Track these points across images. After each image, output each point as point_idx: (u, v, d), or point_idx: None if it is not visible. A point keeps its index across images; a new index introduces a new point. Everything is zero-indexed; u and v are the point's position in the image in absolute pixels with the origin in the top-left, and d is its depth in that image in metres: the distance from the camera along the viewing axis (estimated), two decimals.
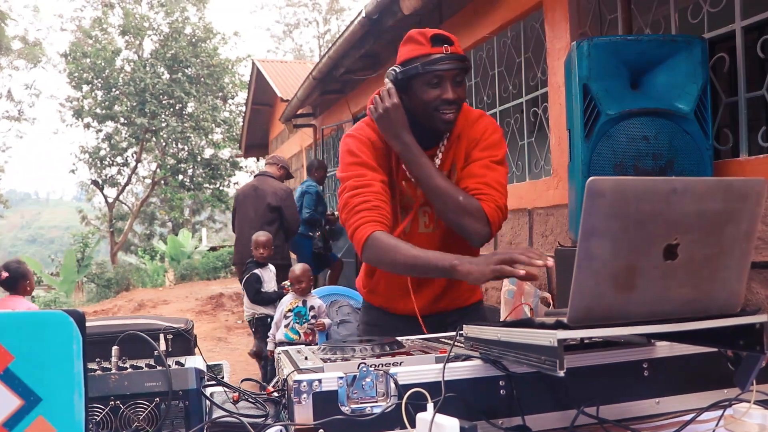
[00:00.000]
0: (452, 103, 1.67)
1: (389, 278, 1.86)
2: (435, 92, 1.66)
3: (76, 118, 21.18)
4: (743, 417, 1.19)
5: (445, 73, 1.64)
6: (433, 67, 1.64)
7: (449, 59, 1.64)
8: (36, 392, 0.82)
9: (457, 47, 1.67)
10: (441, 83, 1.66)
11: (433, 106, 1.68)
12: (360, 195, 1.68)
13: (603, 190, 0.90)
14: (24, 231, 75.43)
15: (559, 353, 0.93)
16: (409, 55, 1.69)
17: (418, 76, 1.66)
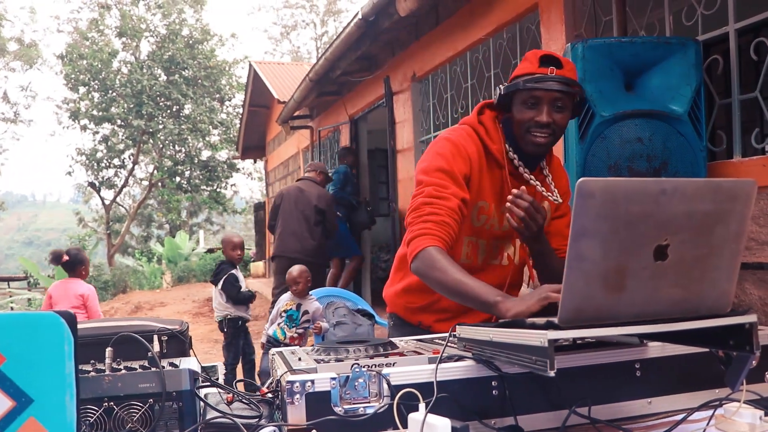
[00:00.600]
0: (544, 126, 1.60)
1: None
2: (530, 113, 1.61)
3: (73, 120, 21.17)
4: (734, 416, 1.20)
5: (543, 94, 1.58)
6: (532, 85, 1.58)
7: (551, 80, 1.57)
8: (28, 393, 0.83)
9: (566, 71, 1.60)
10: (538, 104, 1.60)
11: (525, 127, 1.63)
12: (433, 205, 1.61)
13: (593, 190, 0.91)
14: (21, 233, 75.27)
15: (549, 353, 0.94)
16: (517, 72, 1.65)
17: (517, 92, 1.62)
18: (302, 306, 4.59)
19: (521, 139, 1.66)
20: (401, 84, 5.83)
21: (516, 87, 1.61)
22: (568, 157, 2.37)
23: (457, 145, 1.69)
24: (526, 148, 1.66)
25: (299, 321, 4.55)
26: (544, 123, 1.60)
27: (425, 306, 1.86)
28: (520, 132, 1.65)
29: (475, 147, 1.71)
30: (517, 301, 1.38)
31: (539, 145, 1.64)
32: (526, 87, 1.59)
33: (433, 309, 1.84)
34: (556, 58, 1.62)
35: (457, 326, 1.32)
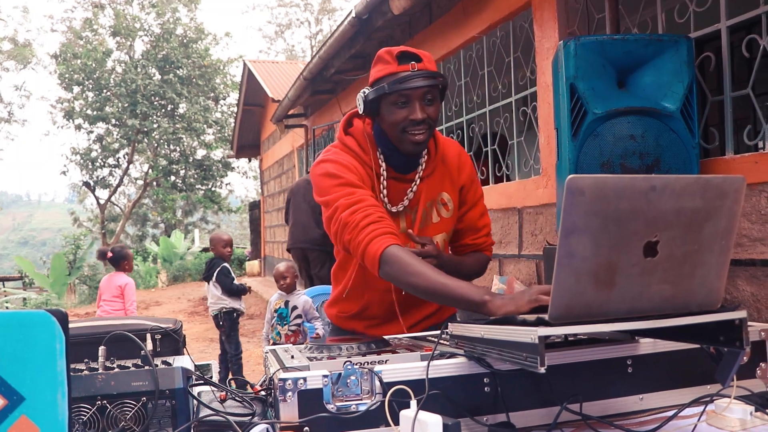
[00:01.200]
0: (420, 123, 1.58)
1: (381, 302, 1.79)
2: (402, 112, 1.58)
3: (67, 119, 21.09)
4: (725, 412, 1.21)
5: (412, 92, 1.56)
6: (399, 85, 1.55)
7: (416, 77, 1.55)
8: (19, 391, 0.83)
9: (426, 63, 1.58)
10: (409, 102, 1.57)
11: (401, 127, 1.59)
12: (359, 211, 1.56)
13: (582, 188, 0.91)
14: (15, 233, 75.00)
15: (540, 350, 0.94)
16: (377, 75, 1.61)
17: (385, 96, 1.58)
18: (290, 302, 4.66)
19: (398, 141, 1.62)
20: None
21: (383, 91, 1.57)
22: (561, 154, 2.37)
23: (336, 162, 1.66)
24: (404, 148, 1.63)
25: (290, 318, 4.61)
26: (419, 120, 1.57)
27: (356, 314, 1.86)
28: (395, 134, 1.61)
29: (353, 159, 1.68)
30: (506, 300, 1.33)
31: (418, 143, 1.60)
32: (394, 89, 1.55)
33: (363, 316, 1.85)
34: (412, 52, 1.59)
35: (450, 324, 1.32)
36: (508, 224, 3.95)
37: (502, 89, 4.19)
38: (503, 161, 4.30)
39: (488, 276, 4.16)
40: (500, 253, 4.02)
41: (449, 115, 5.03)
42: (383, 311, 1.80)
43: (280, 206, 13.07)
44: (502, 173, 4.36)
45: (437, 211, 1.76)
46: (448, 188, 1.77)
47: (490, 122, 4.37)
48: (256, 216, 16.74)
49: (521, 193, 3.80)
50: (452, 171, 1.76)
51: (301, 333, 4.60)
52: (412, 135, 1.59)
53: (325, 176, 1.65)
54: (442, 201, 1.76)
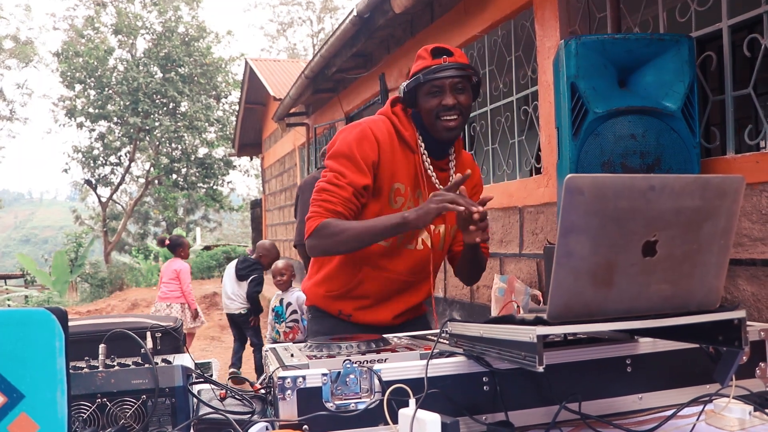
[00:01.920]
0: (451, 108, 1.72)
1: (377, 278, 1.85)
2: (435, 100, 1.73)
3: (69, 117, 21.10)
4: (723, 411, 1.21)
5: (444, 82, 1.72)
6: (432, 75, 1.72)
7: (447, 68, 1.72)
8: (19, 389, 0.83)
9: (457, 57, 1.74)
10: (441, 91, 1.73)
11: (434, 113, 1.74)
12: (329, 192, 1.73)
13: (581, 187, 0.91)
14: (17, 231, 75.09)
15: (538, 349, 0.94)
16: (415, 69, 1.78)
17: (420, 86, 1.75)
18: (284, 299, 4.72)
19: (432, 128, 1.77)
20: (396, 81, 5.83)
21: (417, 81, 1.75)
22: (562, 153, 2.37)
23: (364, 131, 1.77)
24: (438, 134, 1.77)
25: (285, 316, 4.68)
26: (450, 105, 1.72)
27: (345, 293, 1.89)
28: (430, 120, 1.76)
29: (386, 132, 1.80)
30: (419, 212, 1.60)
31: (451, 128, 1.75)
32: (427, 79, 1.73)
33: (352, 295, 1.89)
34: (445, 48, 1.77)
35: (449, 322, 1.32)
36: (508, 223, 3.95)
37: (503, 88, 4.19)
38: (504, 160, 4.29)
39: (489, 275, 4.17)
40: (501, 252, 4.02)
41: None
42: (376, 289, 1.85)
43: (282, 205, 13.08)
44: (502, 172, 4.36)
45: None
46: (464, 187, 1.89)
47: (492, 121, 4.37)
48: (257, 214, 16.75)
49: (522, 192, 3.80)
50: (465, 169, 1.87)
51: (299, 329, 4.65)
52: (445, 121, 1.74)
53: (344, 141, 1.78)
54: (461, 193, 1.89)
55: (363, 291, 1.87)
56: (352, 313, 1.89)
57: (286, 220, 12.31)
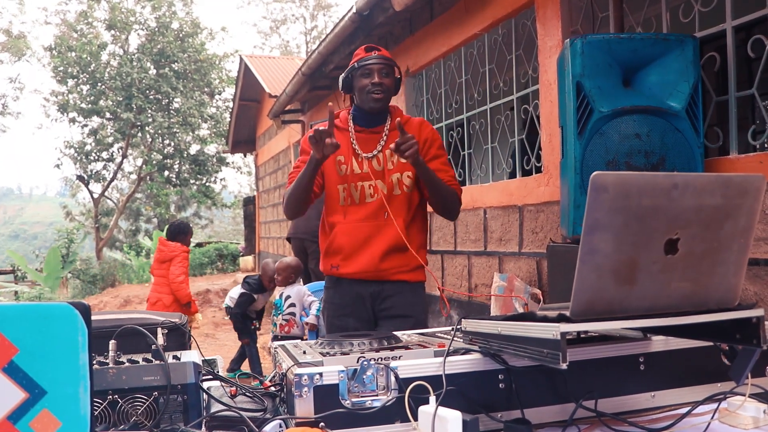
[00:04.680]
0: (378, 85, 2.27)
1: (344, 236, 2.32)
2: (366, 80, 2.29)
3: (61, 112, 20.93)
4: (738, 410, 1.21)
5: (373, 67, 2.28)
6: (364, 62, 2.30)
7: (376, 58, 2.30)
8: (41, 385, 0.82)
9: (383, 53, 2.34)
10: (371, 74, 2.29)
11: (366, 90, 2.29)
12: (295, 170, 2.34)
13: (606, 184, 0.91)
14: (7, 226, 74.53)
15: (562, 346, 0.94)
16: (352, 62, 2.35)
17: (355, 71, 2.32)
18: (284, 293, 4.77)
19: (363, 102, 2.32)
20: None
21: (353, 68, 2.32)
22: (566, 152, 2.37)
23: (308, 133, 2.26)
24: (368, 106, 2.31)
25: (283, 308, 4.73)
26: (377, 83, 2.27)
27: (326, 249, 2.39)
28: (362, 97, 2.31)
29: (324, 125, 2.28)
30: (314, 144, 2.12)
31: (377, 100, 2.29)
32: (361, 65, 2.30)
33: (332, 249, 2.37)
34: (376, 46, 2.36)
35: (463, 320, 1.32)
36: (508, 222, 3.95)
37: (503, 87, 4.19)
38: (504, 159, 4.29)
39: (488, 273, 4.17)
40: (500, 251, 4.02)
41: (449, 112, 5.03)
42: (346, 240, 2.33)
43: (276, 202, 13.03)
44: (502, 171, 4.37)
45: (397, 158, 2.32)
46: None
47: (491, 119, 4.37)
48: (250, 211, 16.69)
49: (522, 190, 3.80)
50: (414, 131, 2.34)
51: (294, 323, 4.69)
52: (372, 95, 2.28)
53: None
54: None
55: (337, 244, 2.34)
56: (340, 264, 2.35)
57: (280, 217, 12.28)
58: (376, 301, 2.35)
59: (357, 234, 2.31)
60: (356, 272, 2.33)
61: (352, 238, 2.32)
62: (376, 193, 2.32)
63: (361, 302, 2.35)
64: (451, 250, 4.72)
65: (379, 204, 2.31)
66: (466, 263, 4.47)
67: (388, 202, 2.29)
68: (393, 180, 2.32)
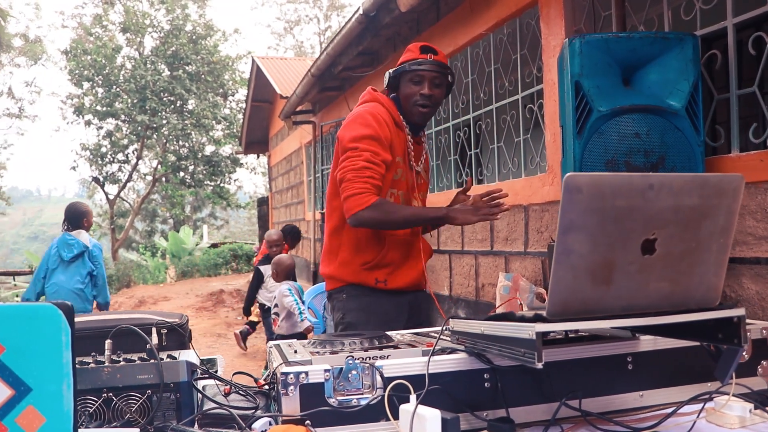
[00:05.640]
0: (428, 98, 2.07)
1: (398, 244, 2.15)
2: (416, 88, 2.08)
3: (77, 115, 21.18)
4: (724, 409, 1.21)
5: (425, 74, 2.06)
6: (416, 67, 2.07)
7: (430, 63, 2.07)
8: (26, 382, 0.84)
9: (441, 57, 2.09)
10: (421, 81, 2.07)
11: (413, 100, 2.08)
12: (372, 170, 2.01)
13: (580, 185, 0.92)
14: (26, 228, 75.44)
15: (537, 346, 0.95)
16: (403, 59, 2.12)
17: (405, 73, 2.09)
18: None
19: (409, 112, 2.12)
20: None
21: (403, 69, 2.09)
22: (566, 152, 2.38)
23: (376, 115, 2.08)
24: (413, 118, 2.12)
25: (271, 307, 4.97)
26: (427, 95, 2.07)
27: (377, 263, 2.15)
28: (407, 105, 2.11)
29: (387, 114, 2.11)
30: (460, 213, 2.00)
31: (423, 114, 2.11)
32: (412, 69, 2.07)
33: (382, 263, 2.16)
34: (433, 48, 2.11)
35: (451, 320, 1.33)
36: (514, 221, 3.95)
37: (508, 86, 4.19)
38: (509, 159, 4.29)
39: (495, 273, 4.17)
40: (506, 250, 4.03)
41: (456, 112, 5.03)
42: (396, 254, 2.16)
43: (288, 202, 13.10)
44: (508, 170, 4.36)
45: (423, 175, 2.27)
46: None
47: (497, 119, 4.37)
48: (264, 212, 16.78)
49: (527, 190, 3.80)
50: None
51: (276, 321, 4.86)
52: (420, 107, 2.09)
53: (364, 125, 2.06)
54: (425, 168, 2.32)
55: (389, 258, 2.15)
56: (387, 279, 2.16)
57: (293, 217, 12.34)
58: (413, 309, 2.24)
59: (407, 247, 2.18)
60: (405, 285, 2.19)
61: (402, 251, 2.17)
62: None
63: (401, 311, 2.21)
64: (458, 250, 4.73)
65: None
66: (473, 263, 4.47)
67: None
68: (420, 198, 2.26)
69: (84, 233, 5.00)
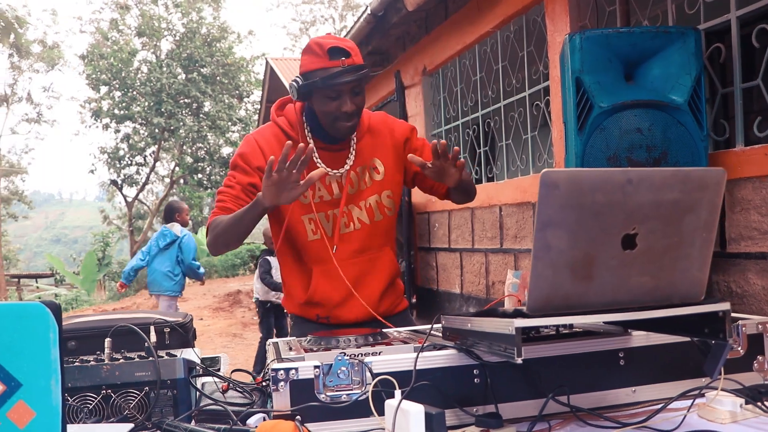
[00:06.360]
0: (351, 115, 1.72)
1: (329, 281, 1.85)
2: (334, 104, 1.70)
3: (95, 119, 21.47)
4: (715, 405, 1.21)
5: (342, 87, 1.68)
6: (330, 81, 1.66)
7: (346, 72, 1.66)
8: (16, 378, 0.87)
9: (354, 58, 1.68)
10: (339, 96, 1.69)
11: (332, 117, 1.72)
12: (222, 194, 1.81)
13: (556, 181, 0.93)
14: (48, 231, 76.61)
15: (517, 341, 0.96)
16: (309, 67, 1.70)
17: (317, 89, 1.69)
18: None
19: (329, 128, 1.76)
20: (412, 78, 5.84)
21: (315, 86, 1.68)
22: (567, 148, 2.38)
23: (250, 142, 1.83)
24: (335, 134, 1.77)
25: None
26: (350, 112, 1.71)
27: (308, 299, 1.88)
28: (326, 122, 1.74)
29: (272, 136, 1.83)
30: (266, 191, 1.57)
31: (348, 129, 1.75)
32: (326, 84, 1.67)
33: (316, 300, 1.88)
34: (342, 47, 1.68)
35: (442, 316, 1.35)
36: (522, 219, 3.95)
37: (516, 84, 4.18)
38: (518, 156, 4.29)
39: (505, 270, 4.17)
40: (515, 248, 4.02)
41: (465, 110, 5.03)
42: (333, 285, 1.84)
43: None
44: (516, 167, 4.36)
45: (369, 176, 1.87)
46: (380, 154, 1.89)
47: (505, 117, 4.37)
48: None
49: (535, 187, 3.78)
50: (384, 138, 1.89)
51: None
52: (343, 123, 1.73)
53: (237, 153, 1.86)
54: (373, 166, 1.88)
55: (319, 294, 1.85)
56: (330, 315, 1.87)
57: None
58: None
59: (347, 274, 1.83)
60: (352, 320, 1.87)
61: (338, 283, 1.83)
62: (361, 221, 1.86)
63: None
64: (468, 248, 4.73)
65: (366, 234, 1.86)
66: (484, 261, 4.47)
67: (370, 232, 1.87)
68: (372, 204, 1.86)
69: (177, 225, 6.06)
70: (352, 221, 1.84)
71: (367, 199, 1.86)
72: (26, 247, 59.73)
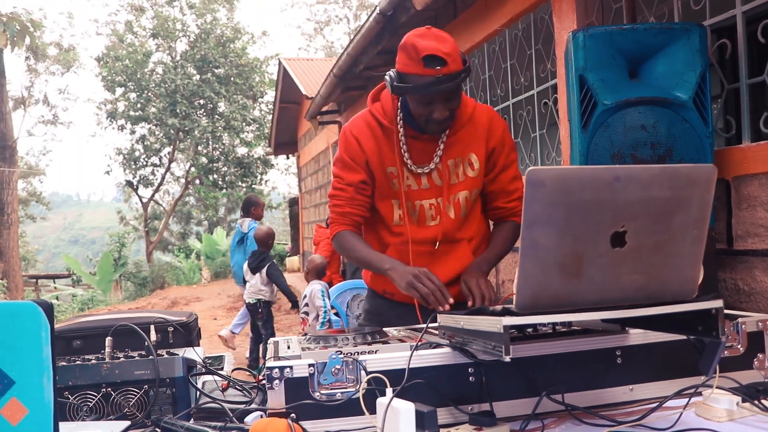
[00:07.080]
0: (443, 120, 1.72)
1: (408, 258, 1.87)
2: (426, 110, 1.71)
3: (111, 120, 21.70)
4: (712, 402, 1.21)
5: (436, 95, 1.66)
6: (423, 90, 1.65)
7: (440, 82, 1.62)
8: (10, 375, 0.89)
9: (450, 66, 1.62)
10: (432, 103, 1.68)
11: (423, 119, 1.74)
12: (336, 197, 1.90)
13: (543, 179, 0.93)
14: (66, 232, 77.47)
15: (505, 339, 0.96)
16: (403, 69, 1.67)
17: (408, 91, 1.68)
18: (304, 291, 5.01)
19: (421, 125, 1.78)
20: None
21: (409, 90, 1.68)
22: (572, 146, 2.37)
23: (346, 134, 1.89)
24: (427, 131, 1.80)
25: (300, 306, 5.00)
26: (440, 120, 1.72)
27: None
28: (419, 120, 1.76)
29: (365, 127, 1.87)
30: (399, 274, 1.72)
31: (440, 130, 1.79)
32: (418, 92, 1.66)
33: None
34: (438, 56, 1.62)
35: (438, 315, 1.35)
36: None
37: (524, 82, 4.17)
38: (527, 154, 4.27)
39: (513, 269, 4.16)
40: None
41: None
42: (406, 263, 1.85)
43: (317, 202, 13.21)
44: (525, 166, 4.34)
45: (463, 170, 1.86)
46: (476, 149, 1.86)
47: (514, 115, 4.35)
48: (295, 212, 16.95)
49: None
50: (481, 134, 1.86)
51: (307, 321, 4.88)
52: (434, 126, 1.75)
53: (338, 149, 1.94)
54: (469, 161, 1.87)
55: None
56: (395, 291, 1.85)
57: (322, 217, 12.43)
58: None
59: (420, 260, 1.86)
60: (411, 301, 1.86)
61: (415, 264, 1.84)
62: (446, 216, 1.87)
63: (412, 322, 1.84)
64: None
65: (446, 229, 1.87)
66: None
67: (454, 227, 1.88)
68: (460, 199, 1.86)
69: (246, 221, 6.26)
70: (440, 214, 1.87)
71: (458, 193, 1.86)
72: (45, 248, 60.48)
